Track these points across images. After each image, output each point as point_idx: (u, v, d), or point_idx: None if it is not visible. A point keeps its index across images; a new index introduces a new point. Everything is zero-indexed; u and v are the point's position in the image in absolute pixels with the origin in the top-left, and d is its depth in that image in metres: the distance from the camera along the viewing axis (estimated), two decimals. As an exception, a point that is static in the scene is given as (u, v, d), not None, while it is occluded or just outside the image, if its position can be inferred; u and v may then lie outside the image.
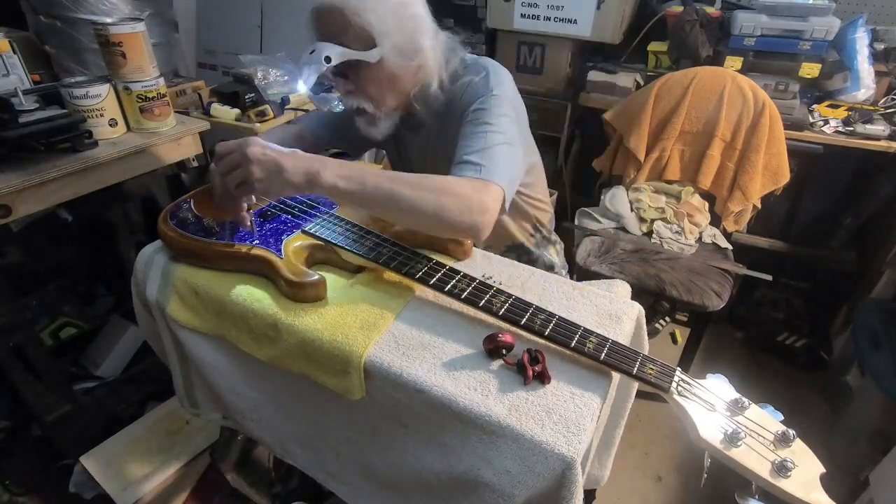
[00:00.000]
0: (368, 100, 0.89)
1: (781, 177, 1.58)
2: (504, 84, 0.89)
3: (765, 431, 0.57)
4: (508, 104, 0.87)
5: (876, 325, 1.51)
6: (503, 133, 0.84)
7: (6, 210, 1.04)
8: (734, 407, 0.59)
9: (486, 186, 0.77)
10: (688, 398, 0.60)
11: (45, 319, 1.71)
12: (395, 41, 0.83)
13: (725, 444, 0.56)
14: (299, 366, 0.72)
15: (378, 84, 0.87)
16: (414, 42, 0.85)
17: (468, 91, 0.89)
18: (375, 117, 0.92)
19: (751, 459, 0.55)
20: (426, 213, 0.73)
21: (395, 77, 0.87)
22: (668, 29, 1.80)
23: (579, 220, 1.76)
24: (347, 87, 0.89)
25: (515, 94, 0.93)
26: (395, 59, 0.85)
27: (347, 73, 0.87)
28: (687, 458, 1.60)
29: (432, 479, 0.68)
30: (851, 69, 1.67)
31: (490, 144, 0.82)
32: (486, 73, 0.89)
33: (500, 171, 0.80)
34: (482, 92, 0.87)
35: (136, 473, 1.31)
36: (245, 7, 2.40)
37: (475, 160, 0.80)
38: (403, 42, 0.84)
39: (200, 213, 0.87)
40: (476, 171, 0.78)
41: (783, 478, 0.54)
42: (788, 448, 0.56)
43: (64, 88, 1.13)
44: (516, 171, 0.87)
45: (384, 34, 0.82)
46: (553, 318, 0.67)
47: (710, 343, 1.98)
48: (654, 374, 0.62)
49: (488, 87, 0.87)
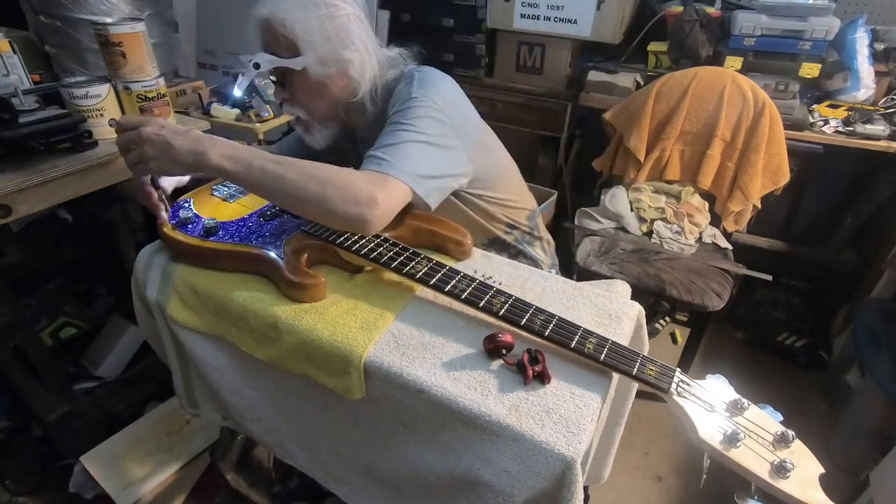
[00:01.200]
0: (301, 107, 0.96)
1: (781, 177, 1.58)
2: (430, 89, 0.89)
3: (764, 432, 0.58)
4: (431, 107, 0.87)
5: (876, 325, 1.51)
6: (418, 132, 0.84)
7: (6, 210, 1.04)
8: (733, 407, 0.59)
9: (382, 180, 0.77)
10: (687, 399, 0.60)
11: (45, 319, 1.71)
12: (318, 51, 0.88)
13: (725, 444, 0.56)
14: (299, 366, 0.72)
15: (308, 92, 0.93)
16: (337, 52, 0.90)
17: (395, 95, 0.91)
18: (309, 125, 0.98)
19: (750, 460, 0.55)
20: (309, 200, 0.73)
21: (322, 85, 0.92)
22: (668, 29, 1.80)
23: (579, 220, 1.76)
24: (283, 95, 0.96)
25: (450, 97, 0.92)
26: (319, 68, 0.90)
27: (283, 82, 0.94)
28: (687, 458, 1.60)
29: (432, 478, 0.68)
30: (851, 69, 1.67)
31: (398, 141, 0.82)
32: (412, 80, 0.90)
33: (405, 165, 0.80)
34: (403, 97, 0.88)
35: (136, 473, 1.31)
36: (245, 7, 2.40)
37: (378, 155, 0.81)
38: (326, 52, 0.89)
39: (201, 212, 0.87)
40: (377, 164, 0.79)
41: (782, 478, 0.54)
42: (788, 449, 0.56)
43: (64, 88, 1.13)
44: (434, 168, 0.86)
45: (308, 44, 0.87)
46: (553, 319, 0.67)
47: (710, 343, 1.98)
48: (654, 374, 0.62)
49: (409, 92, 0.88)
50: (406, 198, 0.80)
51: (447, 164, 0.90)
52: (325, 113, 0.97)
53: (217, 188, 0.96)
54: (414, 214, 0.89)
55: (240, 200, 0.92)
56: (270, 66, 0.89)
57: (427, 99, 0.87)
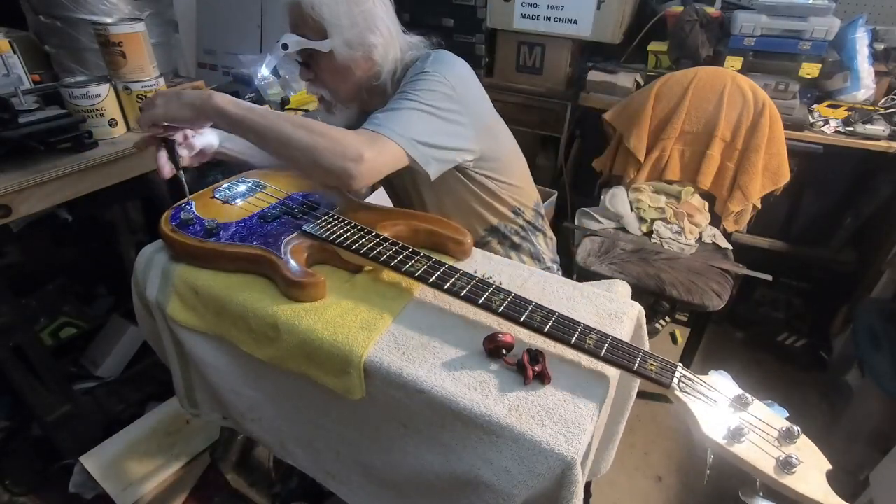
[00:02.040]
0: (325, 88, 0.98)
1: (781, 177, 1.58)
2: (443, 65, 0.91)
3: (769, 427, 0.57)
4: (441, 82, 0.89)
5: (876, 325, 1.51)
6: (422, 102, 0.86)
7: (6, 210, 1.03)
8: (737, 403, 0.58)
9: (372, 137, 0.80)
10: (690, 394, 0.59)
11: (45, 319, 1.71)
12: (345, 35, 0.90)
13: (729, 440, 0.55)
14: (299, 366, 0.72)
15: (333, 74, 0.95)
16: (363, 37, 0.92)
17: (410, 71, 0.94)
18: (332, 104, 1.00)
19: (755, 455, 0.54)
20: (299, 149, 0.77)
21: (347, 68, 0.94)
22: (668, 29, 1.80)
23: (579, 220, 1.76)
24: (308, 76, 0.98)
25: (463, 76, 0.94)
26: (345, 51, 0.92)
27: (309, 63, 0.96)
28: (687, 458, 1.60)
29: (432, 478, 0.68)
30: (851, 69, 1.67)
31: (399, 107, 0.85)
32: (427, 57, 0.93)
33: (400, 128, 0.82)
34: (418, 69, 0.91)
35: (136, 473, 1.31)
36: (245, 7, 2.40)
37: (376, 116, 0.84)
38: (353, 36, 0.91)
39: (202, 214, 0.87)
40: (373, 125, 0.82)
41: (788, 474, 0.53)
42: (793, 444, 0.55)
43: (64, 88, 1.13)
44: (434, 137, 0.87)
45: (335, 27, 0.89)
46: (553, 315, 0.67)
47: (710, 343, 1.98)
48: (656, 369, 0.61)
49: (422, 67, 0.91)
50: (398, 159, 0.82)
51: (450, 136, 0.91)
52: (347, 94, 0.99)
53: (219, 191, 0.95)
54: (414, 214, 0.89)
55: (241, 203, 0.92)
56: (298, 47, 0.91)
57: (438, 74, 0.89)
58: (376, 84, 0.97)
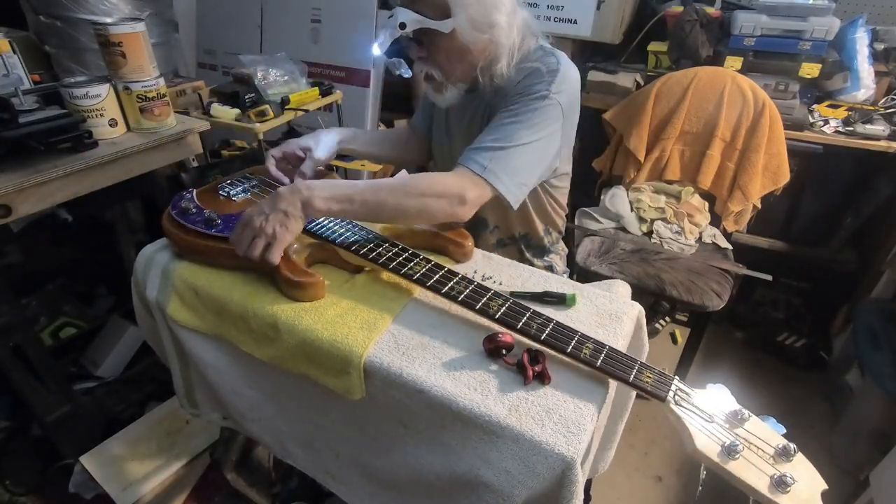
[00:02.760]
0: (438, 68, 0.92)
1: (781, 177, 1.58)
2: (565, 90, 0.88)
3: (765, 445, 0.56)
4: (556, 109, 0.87)
5: (876, 325, 1.51)
6: (531, 135, 0.85)
7: (6, 210, 1.03)
8: (733, 418, 0.58)
9: (475, 181, 0.81)
10: (685, 408, 0.59)
11: (45, 319, 1.71)
12: (469, 13, 0.84)
13: (723, 456, 0.55)
14: (299, 366, 0.72)
15: (449, 53, 0.89)
16: (489, 16, 0.86)
17: (529, 77, 0.89)
18: (443, 85, 0.94)
19: (748, 473, 0.54)
20: (411, 216, 0.80)
21: (466, 48, 0.88)
22: (668, 29, 1.80)
23: (579, 220, 1.76)
24: (420, 54, 0.91)
25: (575, 98, 0.92)
26: (468, 31, 0.86)
27: (422, 40, 0.89)
28: (687, 458, 1.60)
29: (432, 479, 0.68)
30: (851, 69, 1.67)
31: (507, 144, 0.83)
32: (557, 71, 0.87)
33: (503, 171, 0.83)
34: (540, 89, 0.86)
35: (136, 473, 1.31)
36: (245, 7, 2.40)
37: (482, 155, 0.83)
38: (478, 15, 0.85)
39: (202, 204, 0.87)
40: (478, 166, 0.82)
41: (782, 493, 0.52)
42: (789, 463, 0.55)
43: (64, 88, 1.13)
44: (532, 174, 0.89)
45: (460, 5, 0.83)
46: (550, 323, 0.67)
47: (710, 343, 1.98)
48: (651, 382, 0.61)
49: (549, 87, 0.86)
50: (493, 193, 0.83)
51: (543, 168, 0.92)
52: (462, 75, 0.93)
53: (223, 186, 0.95)
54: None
55: (244, 199, 0.92)
56: (417, 26, 0.84)
57: (556, 101, 0.86)
58: (492, 67, 0.91)
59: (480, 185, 0.81)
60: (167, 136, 1.26)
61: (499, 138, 0.84)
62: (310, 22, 2.30)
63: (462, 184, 0.80)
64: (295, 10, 2.31)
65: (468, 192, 0.80)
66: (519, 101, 0.86)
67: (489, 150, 0.83)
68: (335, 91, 1.86)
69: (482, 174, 0.81)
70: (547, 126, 0.87)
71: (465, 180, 0.81)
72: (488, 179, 0.81)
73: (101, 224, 1.78)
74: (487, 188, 0.82)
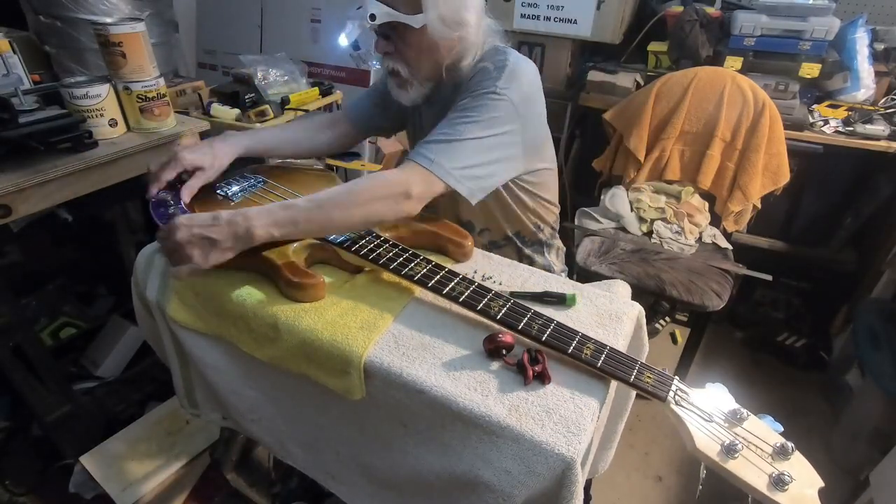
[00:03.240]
0: (405, 64, 0.91)
1: (781, 177, 1.58)
2: (514, 84, 0.87)
3: (763, 443, 0.57)
4: (507, 105, 0.86)
5: (876, 325, 1.51)
6: (480, 129, 0.84)
7: (6, 210, 1.03)
8: (732, 418, 0.59)
9: (421, 174, 0.80)
10: (685, 408, 0.60)
11: (45, 319, 1.71)
12: (441, 10, 0.83)
13: (722, 455, 0.56)
14: (299, 366, 0.72)
15: (417, 49, 0.88)
16: (459, 14, 0.85)
17: (478, 75, 0.88)
18: (408, 82, 0.93)
19: (747, 472, 0.55)
20: (360, 223, 0.79)
21: (435, 45, 0.88)
22: (668, 29, 1.80)
23: (579, 220, 1.76)
24: (388, 48, 0.90)
25: (529, 93, 0.90)
26: (439, 28, 0.85)
27: (390, 35, 0.88)
28: (687, 458, 1.60)
29: (432, 479, 0.68)
30: (851, 69, 1.67)
31: (454, 136, 0.83)
32: (504, 67, 0.87)
33: (450, 163, 0.82)
34: (488, 85, 0.86)
35: (136, 473, 1.31)
36: (245, 7, 2.40)
37: (429, 148, 0.82)
38: (449, 12, 0.84)
39: (197, 208, 0.88)
40: (424, 160, 0.81)
41: (780, 491, 0.53)
42: (787, 461, 0.56)
43: (64, 88, 1.13)
44: (485, 169, 0.86)
45: (432, 1, 0.82)
46: (551, 324, 0.67)
47: (710, 343, 1.98)
48: (652, 382, 0.62)
49: (496, 83, 0.85)
50: (444, 190, 0.82)
51: (501, 163, 0.90)
52: (429, 73, 0.92)
53: (219, 187, 0.95)
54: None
55: (240, 199, 0.92)
56: (387, 19, 0.83)
57: (505, 97, 0.85)
58: (457, 65, 0.92)
59: (427, 178, 0.80)
60: (167, 137, 1.26)
61: (447, 132, 0.83)
62: (310, 22, 2.30)
63: (407, 179, 0.79)
64: (295, 10, 2.31)
65: (413, 187, 0.79)
66: (467, 98, 0.86)
67: (436, 143, 0.83)
68: (335, 91, 1.86)
69: (429, 167, 0.80)
70: (499, 123, 0.86)
71: (412, 175, 0.80)
72: (434, 172, 0.80)
73: (101, 224, 1.78)
74: (436, 180, 0.81)
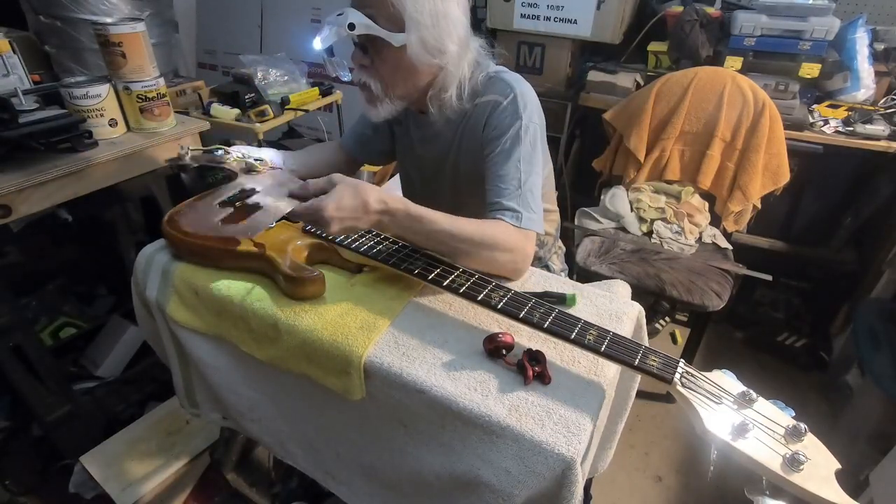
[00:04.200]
0: (380, 80, 0.88)
1: (781, 177, 1.58)
2: (530, 106, 0.89)
3: (774, 425, 0.55)
4: (537, 130, 0.89)
5: (876, 325, 1.51)
6: (532, 164, 0.87)
7: (6, 210, 1.03)
8: (742, 399, 0.57)
9: (527, 237, 0.83)
10: (692, 390, 0.58)
11: (45, 319, 1.71)
12: (423, 34, 0.82)
13: (733, 436, 0.53)
14: (299, 366, 0.72)
15: (394, 69, 0.86)
16: (441, 42, 0.84)
17: (497, 114, 0.89)
18: (378, 98, 0.90)
19: (760, 452, 0.52)
20: (480, 264, 0.79)
21: (414, 68, 0.86)
22: (668, 29, 1.80)
23: (579, 220, 1.76)
24: (363, 61, 0.88)
25: (539, 109, 0.92)
26: (419, 52, 0.83)
27: (368, 48, 0.86)
28: (687, 458, 1.60)
29: (432, 479, 0.68)
30: (851, 69, 1.67)
31: (524, 185, 0.85)
32: (514, 97, 0.88)
33: (536, 213, 0.85)
34: (512, 121, 0.87)
35: (136, 473, 1.31)
36: (245, 7, 2.41)
37: (514, 206, 0.84)
38: (431, 38, 0.83)
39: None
40: (517, 219, 0.83)
41: (796, 472, 0.51)
42: (801, 442, 0.54)
43: (64, 88, 1.13)
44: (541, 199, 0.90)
45: (415, 22, 0.81)
46: (553, 312, 0.66)
47: (710, 343, 1.98)
48: (658, 365, 0.60)
49: (517, 114, 0.87)
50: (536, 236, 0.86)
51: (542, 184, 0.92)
52: (403, 94, 0.90)
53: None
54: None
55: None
56: (365, 31, 0.81)
57: (533, 124, 0.88)
58: (441, 95, 0.91)
59: (532, 237, 0.84)
60: (167, 136, 1.26)
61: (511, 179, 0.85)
62: (310, 22, 2.31)
63: (523, 240, 0.82)
64: (295, 10, 2.31)
65: (529, 247, 0.82)
66: (504, 143, 0.87)
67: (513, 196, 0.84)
68: (335, 91, 1.86)
69: (529, 226, 0.83)
70: (535, 148, 0.89)
71: (523, 237, 0.82)
72: (535, 230, 0.84)
73: (101, 224, 1.78)
74: (534, 236, 0.84)
